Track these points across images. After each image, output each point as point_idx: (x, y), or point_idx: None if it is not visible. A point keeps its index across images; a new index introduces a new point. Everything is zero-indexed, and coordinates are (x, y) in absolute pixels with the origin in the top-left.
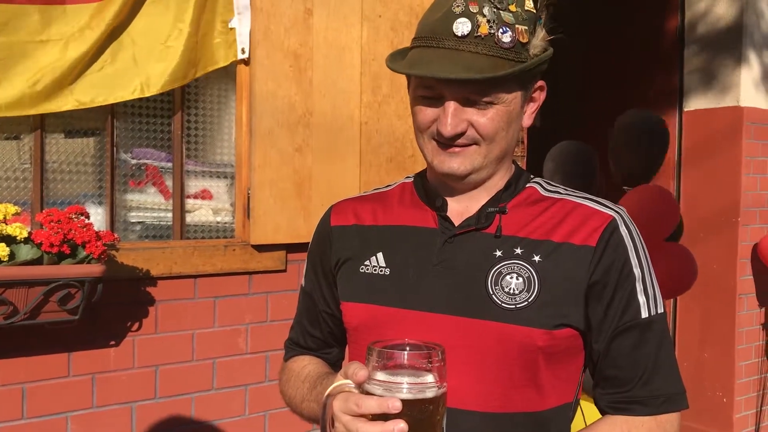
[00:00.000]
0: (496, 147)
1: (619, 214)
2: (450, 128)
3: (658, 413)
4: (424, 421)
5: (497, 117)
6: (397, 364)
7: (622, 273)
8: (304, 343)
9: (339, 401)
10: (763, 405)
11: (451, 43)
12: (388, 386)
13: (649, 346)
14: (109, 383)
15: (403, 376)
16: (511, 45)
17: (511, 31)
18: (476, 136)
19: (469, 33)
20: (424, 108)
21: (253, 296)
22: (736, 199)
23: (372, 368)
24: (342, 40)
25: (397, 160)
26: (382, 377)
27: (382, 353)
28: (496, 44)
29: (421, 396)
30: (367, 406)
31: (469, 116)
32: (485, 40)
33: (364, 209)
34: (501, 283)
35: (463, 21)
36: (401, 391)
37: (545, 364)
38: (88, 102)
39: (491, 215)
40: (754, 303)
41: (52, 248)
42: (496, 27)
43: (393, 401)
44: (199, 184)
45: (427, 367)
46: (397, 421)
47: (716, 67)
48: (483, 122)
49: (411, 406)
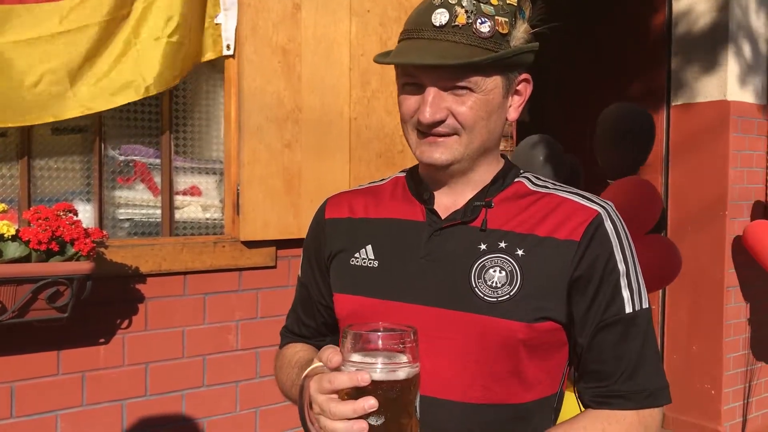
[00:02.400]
0: (477, 137)
1: (605, 209)
2: (429, 115)
3: (641, 408)
4: (397, 401)
5: (476, 106)
6: (371, 346)
7: (606, 267)
8: (298, 331)
9: (314, 382)
10: (750, 397)
11: (430, 33)
12: (362, 367)
13: (633, 341)
14: (99, 381)
15: (376, 357)
16: (490, 35)
17: (490, 21)
18: (456, 125)
19: (447, 23)
20: (407, 97)
21: (243, 293)
22: (724, 192)
23: (347, 351)
24: (330, 35)
25: (387, 156)
26: (356, 359)
27: (356, 335)
28: (474, 34)
29: (393, 377)
30: (339, 381)
31: (449, 104)
32: (463, 30)
33: (357, 202)
34: (484, 276)
35: (441, 11)
36: (375, 371)
37: (527, 356)
38: (95, 107)
39: (477, 209)
40: (741, 296)
41: (40, 245)
42: (474, 17)
43: (362, 374)
44: (188, 180)
45: (400, 348)
46: (368, 398)
47: (703, 61)
48: (462, 111)
49: (384, 386)
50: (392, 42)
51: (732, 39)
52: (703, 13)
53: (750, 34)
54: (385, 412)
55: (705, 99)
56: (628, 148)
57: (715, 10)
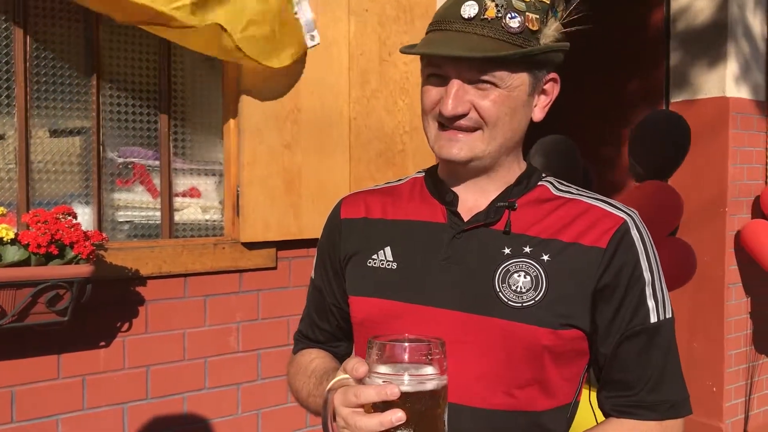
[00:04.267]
0: (499, 134)
1: (631, 217)
2: (451, 108)
3: (664, 419)
4: (426, 414)
5: (500, 101)
6: (398, 358)
7: (632, 276)
8: (313, 335)
9: (339, 395)
10: (751, 393)
11: (458, 26)
12: (389, 378)
13: (657, 352)
14: (100, 384)
15: (403, 368)
16: (519, 30)
17: (520, 17)
18: (478, 119)
19: (475, 15)
20: (430, 88)
21: (243, 294)
22: (724, 189)
23: (372, 362)
24: (329, 34)
25: (387, 156)
26: (383, 371)
27: (382, 347)
28: (503, 28)
29: (422, 388)
30: (366, 396)
31: (472, 98)
32: (492, 23)
33: (373, 202)
34: (508, 281)
35: (471, 4)
36: (402, 384)
37: (551, 363)
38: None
39: (500, 210)
40: (742, 292)
41: (40, 249)
42: (504, 11)
43: (391, 387)
44: (187, 182)
45: (427, 360)
46: (395, 410)
47: (701, 58)
48: (485, 105)
49: (412, 398)
50: (391, 41)
51: (730, 36)
52: (701, 10)
53: (748, 31)
54: (414, 426)
55: (704, 96)
56: (662, 152)
57: (713, 7)
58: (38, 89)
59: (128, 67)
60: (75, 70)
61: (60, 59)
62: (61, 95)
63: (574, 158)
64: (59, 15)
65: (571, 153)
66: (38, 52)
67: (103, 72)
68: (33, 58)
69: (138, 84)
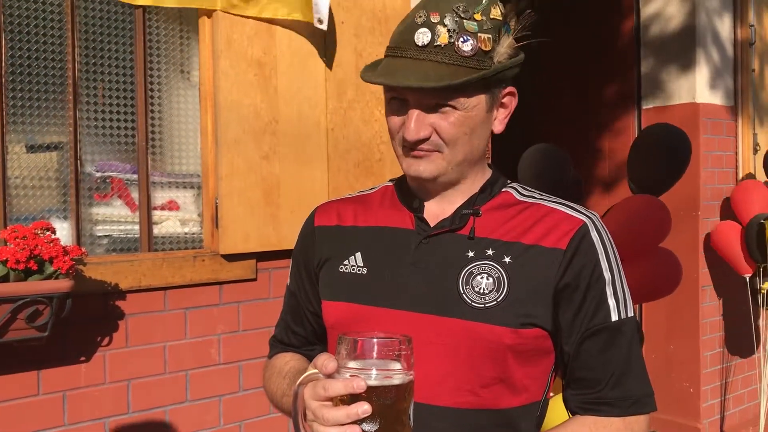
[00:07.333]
0: (459, 152)
1: (591, 219)
2: (413, 133)
3: (627, 415)
4: (391, 407)
5: (458, 122)
6: (366, 354)
7: (592, 276)
8: (287, 340)
9: (308, 389)
10: (727, 394)
11: (413, 53)
12: (357, 373)
13: (619, 349)
14: (81, 400)
15: (371, 364)
16: (472, 53)
17: (472, 39)
18: (439, 141)
19: (429, 43)
20: (393, 117)
21: (224, 306)
22: (696, 193)
23: (342, 357)
24: (305, 47)
25: (365, 165)
26: (352, 365)
27: (351, 342)
28: (456, 53)
29: (388, 383)
30: (334, 389)
31: (433, 121)
32: (445, 49)
33: (346, 210)
34: (472, 283)
35: (423, 31)
36: (369, 378)
37: (514, 362)
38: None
39: (465, 217)
40: (715, 295)
41: (18, 264)
42: (456, 36)
43: (358, 381)
44: (166, 195)
45: (394, 356)
46: (361, 403)
47: (672, 65)
48: (445, 126)
49: (378, 392)
50: (367, 53)
51: (699, 42)
52: (670, 18)
53: (716, 37)
54: (379, 419)
55: (675, 102)
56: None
57: (683, 14)
58: (14, 104)
59: (105, 81)
60: (51, 84)
61: (36, 73)
62: (38, 110)
63: (566, 168)
64: (35, 29)
65: (564, 163)
66: (14, 67)
67: (80, 86)
68: (9, 73)
69: (115, 98)
